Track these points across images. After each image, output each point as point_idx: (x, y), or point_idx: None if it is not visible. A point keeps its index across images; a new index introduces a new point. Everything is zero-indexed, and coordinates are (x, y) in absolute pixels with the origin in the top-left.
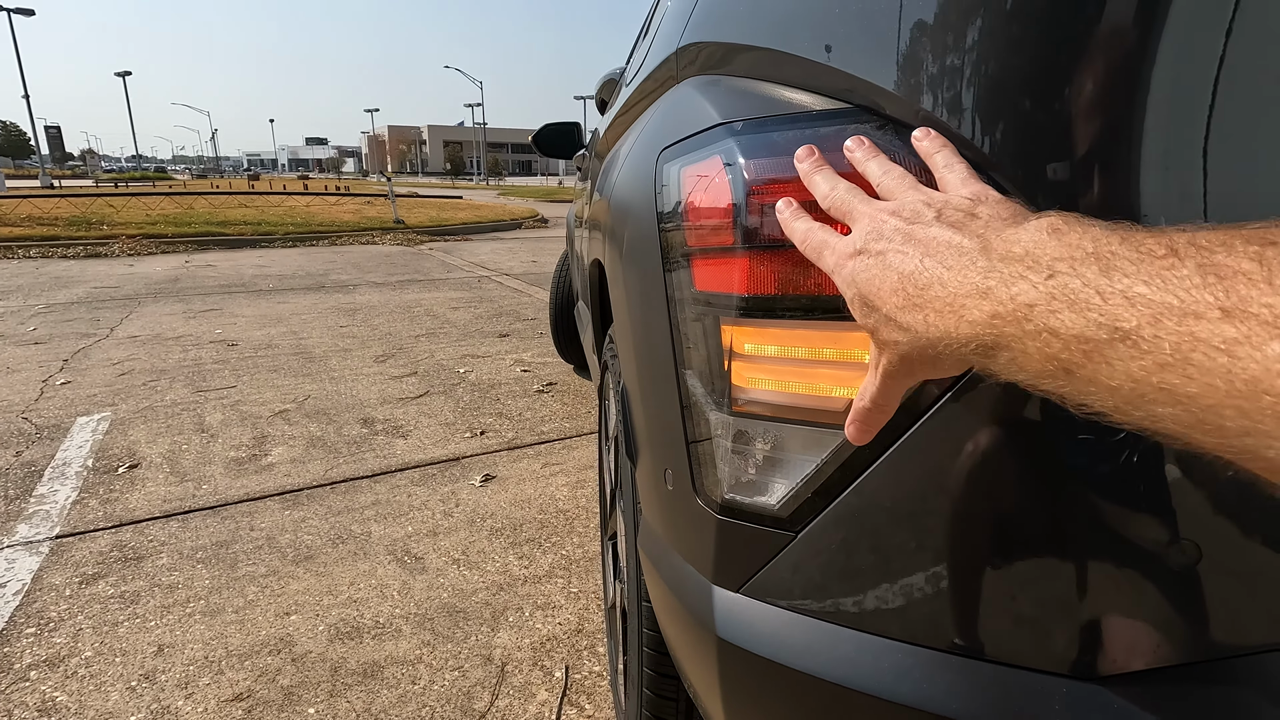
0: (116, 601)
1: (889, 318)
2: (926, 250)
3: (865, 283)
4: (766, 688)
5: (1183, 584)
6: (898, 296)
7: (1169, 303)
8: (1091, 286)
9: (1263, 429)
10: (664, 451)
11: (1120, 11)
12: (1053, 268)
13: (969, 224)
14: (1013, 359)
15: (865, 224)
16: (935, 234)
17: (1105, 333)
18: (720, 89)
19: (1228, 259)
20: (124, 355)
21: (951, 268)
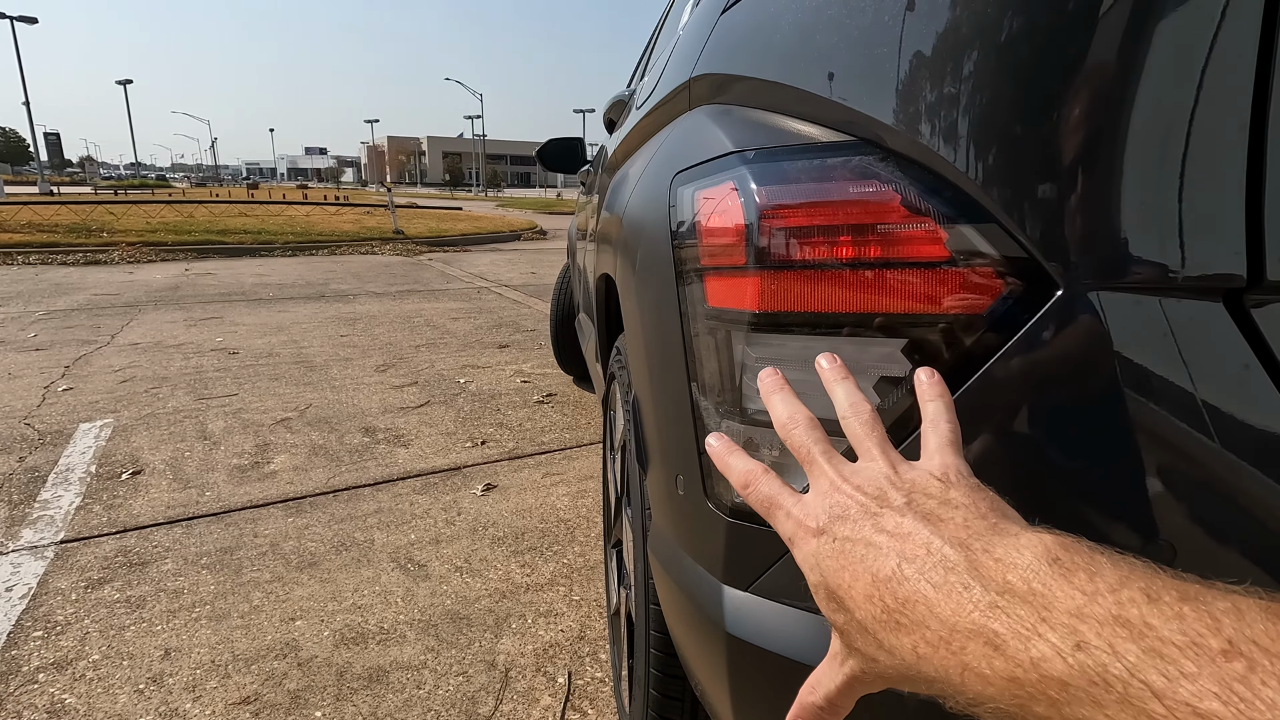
0: (123, 606)
1: (864, 627)
2: (903, 552)
3: (832, 574)
4: (774, 682)
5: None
6: (873, 605)
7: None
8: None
9: None
10: (676, 458)
11: (1106, 46)
12: (1077, 633)
13: (946, 519)
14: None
15: (825, 494)
16: (909, 529)
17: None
18: (732, 118)
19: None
20: (125, 362)
21: (939, 586)
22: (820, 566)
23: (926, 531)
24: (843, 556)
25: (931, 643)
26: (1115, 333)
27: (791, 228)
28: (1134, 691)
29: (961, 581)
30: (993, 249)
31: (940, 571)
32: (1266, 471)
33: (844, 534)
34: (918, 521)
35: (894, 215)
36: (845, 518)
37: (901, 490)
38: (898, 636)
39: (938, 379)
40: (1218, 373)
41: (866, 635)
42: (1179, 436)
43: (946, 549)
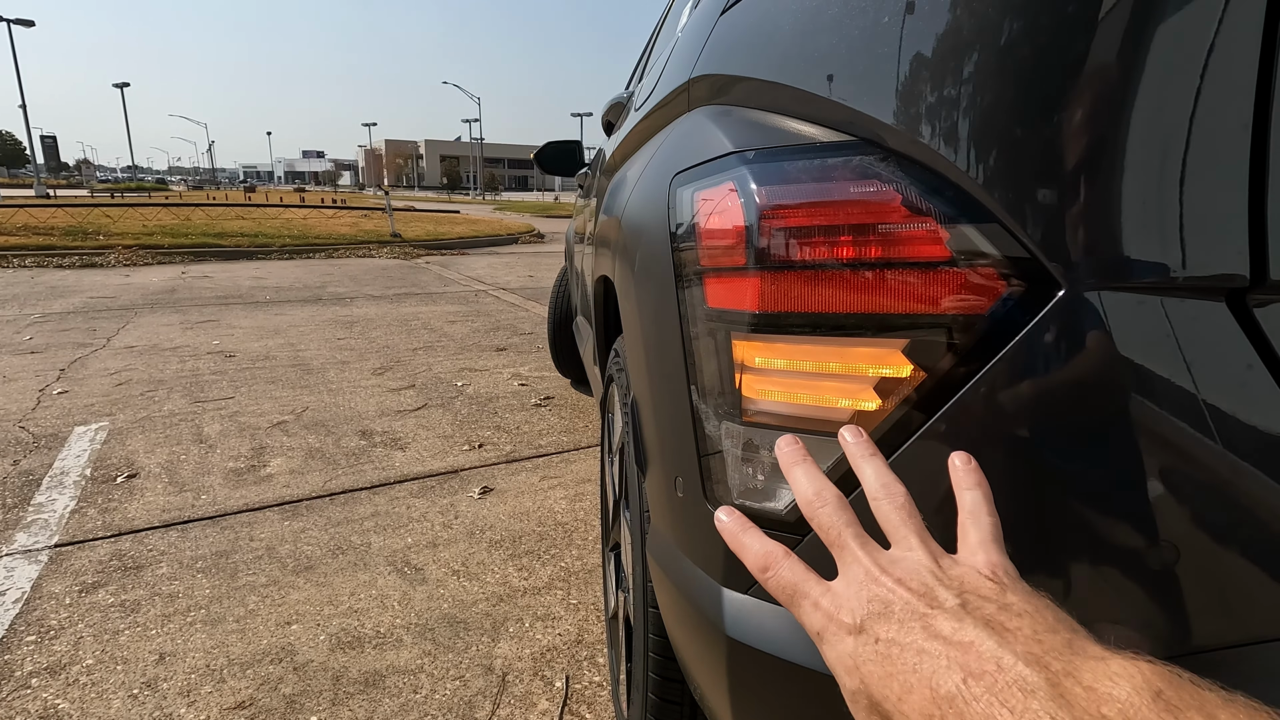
0: (117, 610)
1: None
2: (967, 666)
3: (876, 682)
4: (772, 683)
5: (1162, 584)
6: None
7: None
8: None
9: None
10: (675, 460)
11: (1107, 48)
12: None
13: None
14: None
15: (861, 585)
16: (970, 637)
17: None
18: (732, 119)
19: None
20: (121, 365)
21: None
22: (860, 670)
23: (992, 643)
24: (889, 663)
25: None
26: (1117, 333)
27: (792, 228)
28: None
29: (1047, 711)
30: (994, 249)
31: (1018, 695)
32: (1268, 471)
33: (889, 635)
34: (980, 629)
35: (895, 215)
36: (889, 616)
37: (952, 589)
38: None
39: (974, 465)
40: (1220, 373)
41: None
42: (1182, 437)
43: (1021, 667)
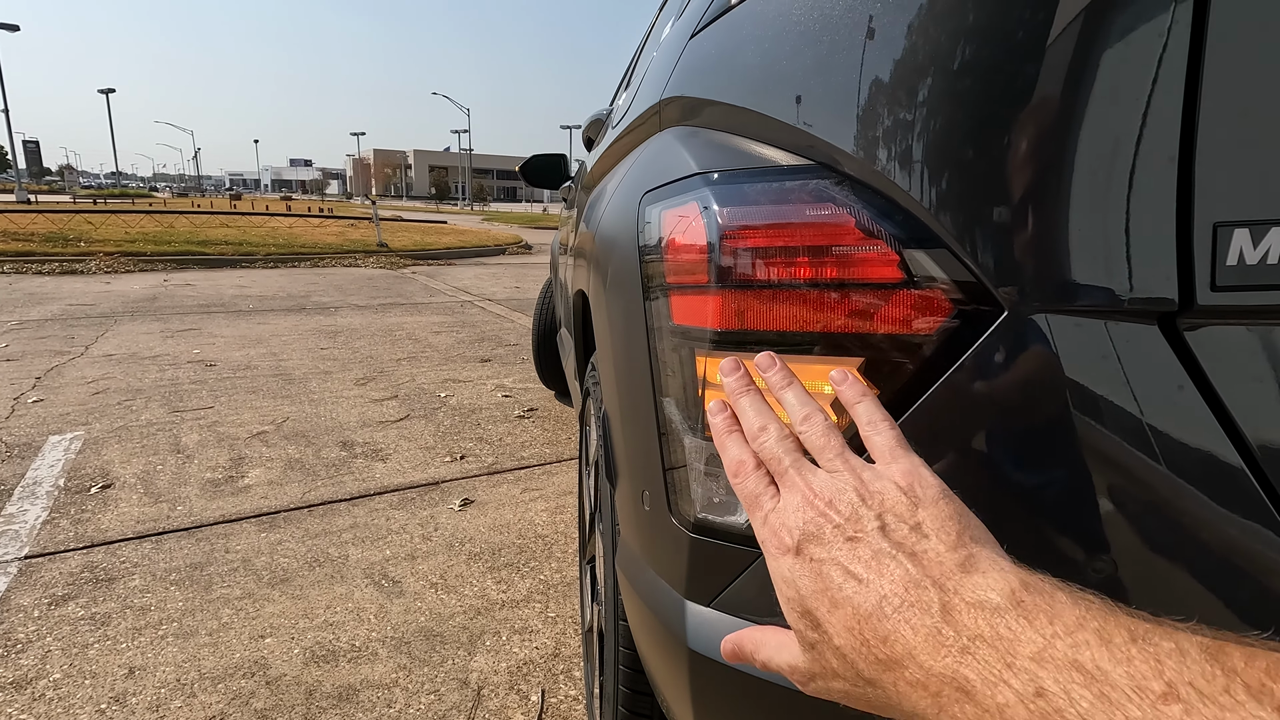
0: (87, 623)
1: (842, 654)
2: (882, 590)
3: (809, 596)
4: (735, 696)
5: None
6: (854, 637)
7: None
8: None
9: None
10: (642, 474)
11: (1052, 78)
12: (1037, 678)
13: (920, 550)
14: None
15: (798, 509)
16: (885, 559)
17: None
18: (698, 140)
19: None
20: (99, 374)
21: (917, 630)
22: (796, 584)
23: (902, 566)
24: (820, 580)
25: (910, 682)
26: (1060, 353)
27: (752, 248)
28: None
29: (938, 626)
30: (942, 272)
31: (918, 614)
32: (1200, 487)
33: (820, 555)
34: (894, 552)
35: (849, 237)
36: (820, 539)
37: (873, 509)
38: (877, 670)
39: (853, 378)
40: (1155, 392)
41: (844, 660)
42: (1120, 454)
43: (924, 590)
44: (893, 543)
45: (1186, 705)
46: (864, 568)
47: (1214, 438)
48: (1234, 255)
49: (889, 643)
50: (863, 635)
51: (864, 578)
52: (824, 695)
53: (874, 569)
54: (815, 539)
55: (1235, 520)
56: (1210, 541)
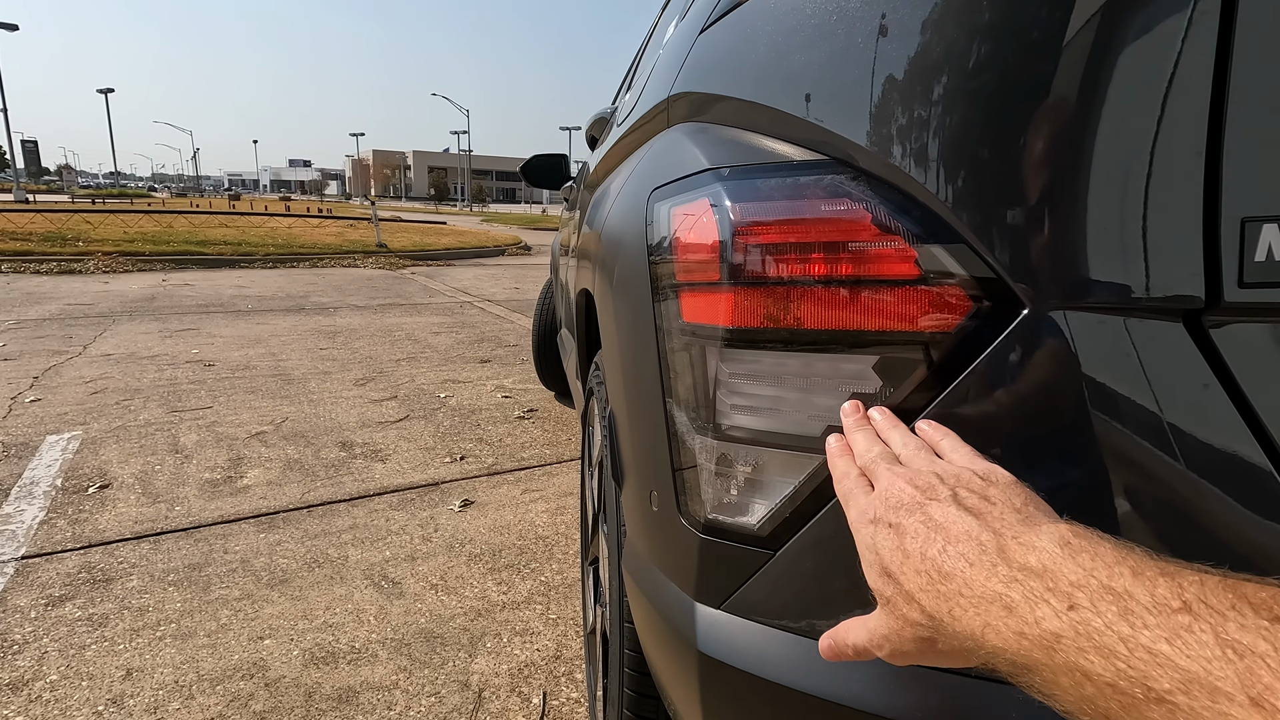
0: (84, 624)
1: (911, 596)
2: (949, 535)
3: (886, 553)
4: (745, 700)
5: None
6: (921, 578)
7: (1195, 672)
8: (1114, 631)
9: None
10: (650, 474)
11: (1070, 74)
12: (1072, 597)
13: (985, 511)
14: (1045, 684)
15: (884, 489)
16: (954, 518)
17: (1140, 690)
18: (708, 136)
19: (1241, 634)
20: (97, 374)
21: (974, 564)
22: (876, 547)
23: (968, 521)
24: (896, 537)
25: (963, 606)
26: (1080, 351)
27: (765, 244)
28: (1108, 639)
29: (990, 560)
30: (961, 268)
31: (976, 551)
32: (1226, 488)
33: (898, 520)
34: (961, 512)
35: (865, 234)
36: (900, 506)
37: (948, 484)
38: (938, 601)
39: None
40: (1179, 391)
41: (912, 603)
42: (1142, 453)
43: (983, 535)
44: (961, 505)
45: (1195, 616)
46: (932, 524)
47: (1240, 438)
48: (1262, 251)
49: (949, 576)
50: (928, 574)
51: (932, 530)
52: (902, 656)
53: (942, 523)
54: (895, 507)
55: (1261, 523)
56: (1235, 544)
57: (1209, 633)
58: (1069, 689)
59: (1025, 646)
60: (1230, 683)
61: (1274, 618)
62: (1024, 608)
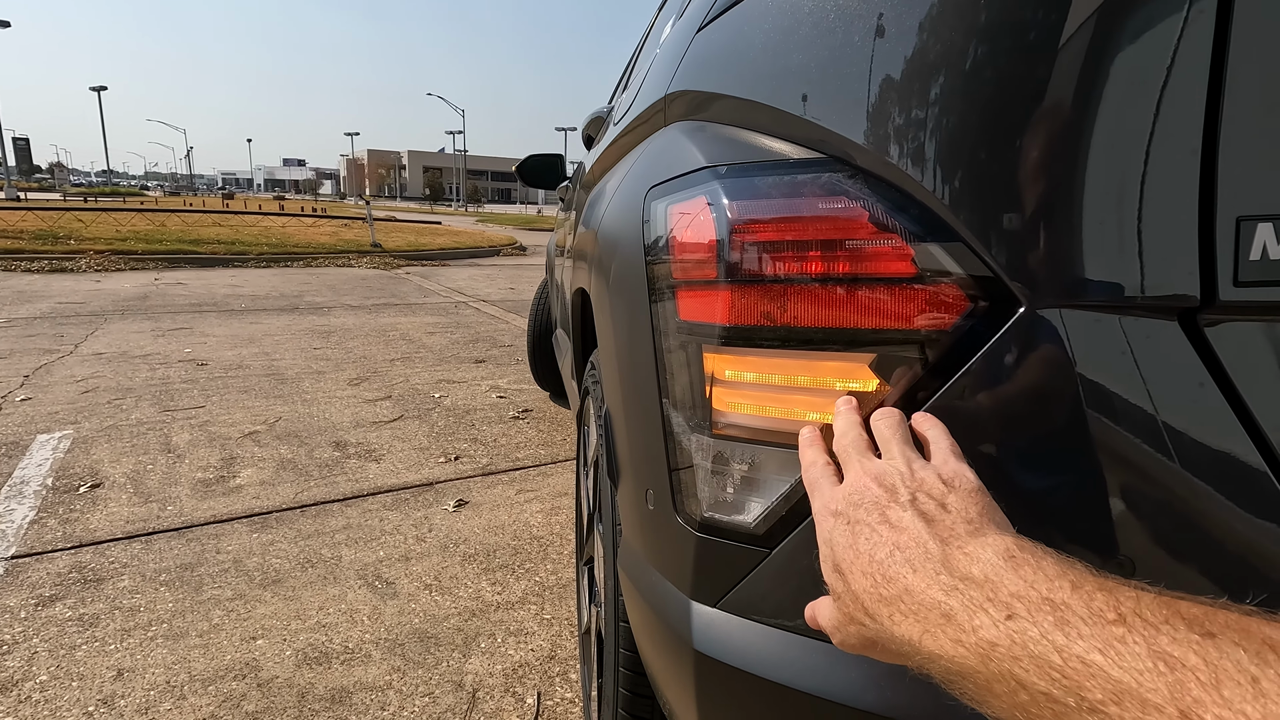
0: (75, 624)
1: (856, 596)
2: (897, 541)
3: (840, 549)
4: (740, 699)
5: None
6: (867, 579)
7: (1127, 684)
8: (1049, 640)
9: None
10: (646, 472)
11: (1067, 74)
12: (1011, 607)
13: (939, 519)
14: (978, 691)
15: (850, 484)
16: (907, 522)
17: (1073, 699)
18: (706, 134)
19: (1173, 647)
20: (88, 373)
21: (918, 571)
22: (832, 541)
23: (919, 526)
24: (851, 535)
25: (904, 612)
26: (1076, 350)
27: (762, 242)
28: (1042, 648)
29: (934, 568)
30: (958, 267)
31: (920, 558)
32: (1219, 487)
33: (855, 517)
34: (915, 516)
35: (862, 232)
36: (860, 504)
37: (909, 488)
38: (879, 605)
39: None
40: (1174, 389)
41: (857, 602)
42: (1137, 452)
43: (930, 543)
44: (917, 511)
45: (1130, 628)
46: (886, 526)
47: (1235, 436)
48: (1257, 250)
49: (892, 581)
50: (873, 576)
51: (883, 533)
52: (848, 646)
53: (894, 527)
54: (856, 505)
55: (1256, 522)
56: (1229, 543)
57: (1142, 645)
58: (1003, 696)
59: (961, 654)
60: (1161, 695)
61: (1205, 633)
62: (962, 616)
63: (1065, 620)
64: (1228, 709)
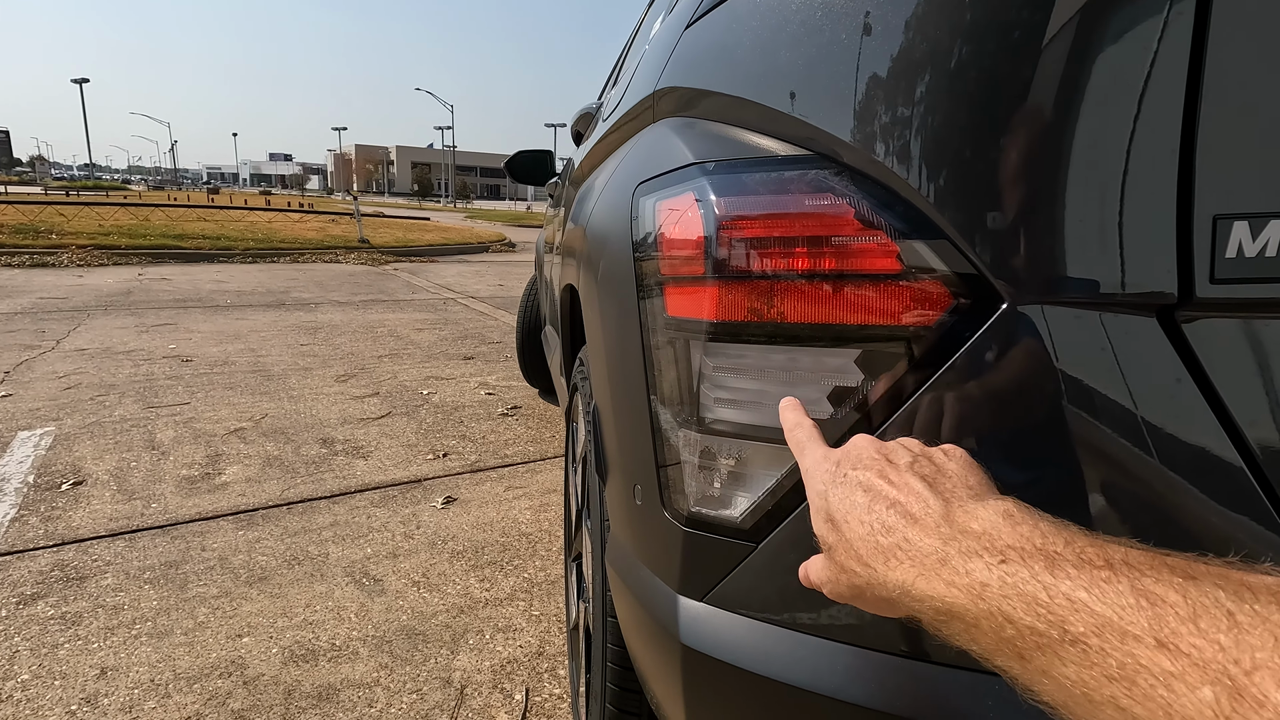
0: (57, 623)
1: (851, 545)
2: (898, 495)
3: (835, 501)
4: (727, 692)
5: None
6: (864, 528)
7: (1109, 617)
8: (1039, 580)
9: None
10: (634, 468)
11: (1050, 75)
12: (1005, 554)
13: (939, 481)
14: (966, 630)
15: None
16: (908, 480)
17: (1056, 631)
18: (694, 131)
19: (1156, 586)
20: (70, 369)
21: (918, 521)
22: (827, 494)
23: (920, 485)
24: (848, 488)
25: (899, 558)
26: (1057, 345)
27: (749, 238)
28: (1032, 587)
29: (935, 520)
30: (942, 263)
31: (923, 510)
32: (1195, 481)
33: (855, 474)
34: (915, 478)
35: (848, 228)
36: (859, 462)
37: (910, 454)
38: (875, 552)
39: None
40: (1152, 385)
41: (850, 551)
42: (1116, 446)
43: (932, 499)
44: (916, 473)
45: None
46: (885, 482)
47: (1211, 432)
48: (1233, 247)
49: (890, 530)
50: (870, 525)
51: (882, 487)
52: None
53: (893, 484)
54: (854, 462)
55: (1230, 515)
56: (1204, 535)
57: (1126, 584)
58: (989, 633)
59: (953, 595)
60: (1140, 627)
61: (1188, 576)
62: (958, 561)
63: (1055, 565)
64: (1203, 638)
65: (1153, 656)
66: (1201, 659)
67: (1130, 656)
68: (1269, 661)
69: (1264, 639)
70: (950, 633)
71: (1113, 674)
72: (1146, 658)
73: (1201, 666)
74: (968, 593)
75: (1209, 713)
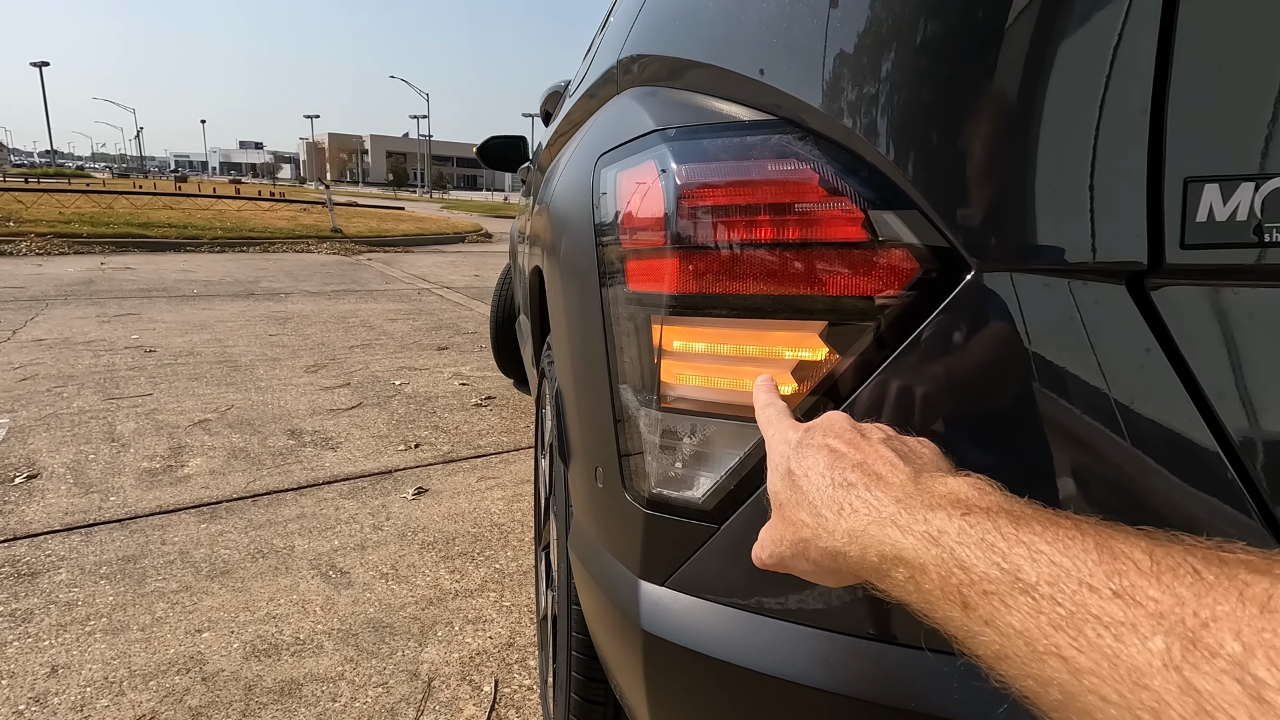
0: (5, 620)
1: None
2: (865, 458)
3: (798, 460)
4: (689, 679)
5: None
6: (822, 479)
7: (1066, 567)
8: (1000, 531)
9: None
10: (595, 450)
11: (1019, 38)
12: (970, 509)
13: (910, 457)
14: (911, 577)
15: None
16: (879, 449)
17: (1007, 579)
18: (658, 99)
19: (1123, 545)
20: (27, 359)
21: (883, 480)
22: (789, 455)
23: (892, 454)
24: (814, 449)
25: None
26: (1026, 314)
27: (711, 206)
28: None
29: (899, 481)
30: (908, 231)
31: (890, 471)
32: (1161, 451)
33: (825, 440)
34: (887, 449)
35: (811, 195)
36: (830, 431)
37: (883, 433)
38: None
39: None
40: (1121, 355)
41: (803, 502)
42: (1083, 416)
43: (902, 465)
44: (889, 446)
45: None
46: (855, 449)
47: (1178, 401)
48: (1204, 212)
49: (851, 486)
50: (832, 479)
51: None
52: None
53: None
54: (825, 432)
55: (1197, 490)
56: (1169, 507)
57: (1091, 542)
58: (936, 579)
59: (906, 540)
60: (1098, 578)
61: (1156, 543)
62: (920, 511)
63: (1020, 522)
64: (1163, 591)
65: (1104, 605)
66: (1158, 610)
67: (1080, 605)
68: (1230, 614)
69: (1228, 594)
70: (891, 582)
71: (1059, 622)
72: (1098, 606)
73: (1157, 617)
74: (922, 538)
75: (1158, 663)
